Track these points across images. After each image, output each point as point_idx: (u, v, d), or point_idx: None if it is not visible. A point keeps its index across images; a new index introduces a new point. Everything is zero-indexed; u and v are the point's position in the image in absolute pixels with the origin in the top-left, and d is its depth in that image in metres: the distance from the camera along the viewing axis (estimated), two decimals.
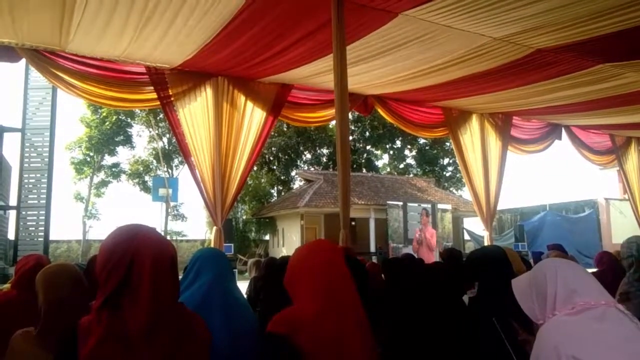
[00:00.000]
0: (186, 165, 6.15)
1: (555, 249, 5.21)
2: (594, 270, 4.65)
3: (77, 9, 4.21)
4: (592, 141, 9.98)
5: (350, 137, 23.86)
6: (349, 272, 1.75)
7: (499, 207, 8.69)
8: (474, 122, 8.25)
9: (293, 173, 31.37)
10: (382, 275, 3.92)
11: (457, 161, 8.41)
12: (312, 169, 30.92)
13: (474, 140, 8.22)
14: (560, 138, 9.32)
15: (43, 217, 6.87)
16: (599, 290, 1.45)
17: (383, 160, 36.03)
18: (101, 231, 25.75)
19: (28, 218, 6.89)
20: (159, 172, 26.65)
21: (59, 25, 4.52)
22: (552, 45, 5.19)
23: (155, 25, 4.60)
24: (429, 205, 22.07)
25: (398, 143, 34.17)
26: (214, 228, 6.04)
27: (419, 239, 20.64)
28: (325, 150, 32.73)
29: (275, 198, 29.31)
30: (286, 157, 30.61)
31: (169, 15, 4.39)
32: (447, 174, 34.59)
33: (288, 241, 24.21)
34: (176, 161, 27.52)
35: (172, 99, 5.78)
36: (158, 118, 25.28)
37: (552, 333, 1.39)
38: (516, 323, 1.93)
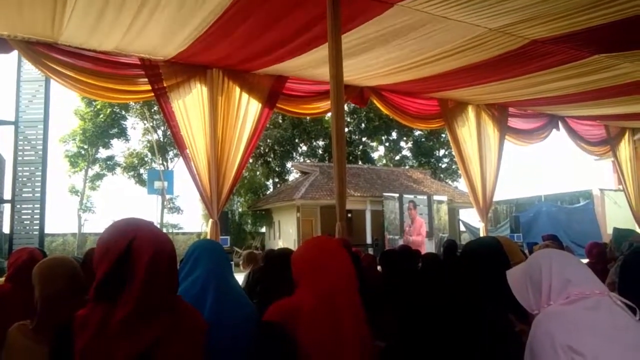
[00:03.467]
0: (181, 158, 6.13)
1: (550, 239, 5.24)
2: (587, 260, 4.69)
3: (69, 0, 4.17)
4: (587, 132, 10.01)
5: (346, 129, 23.90)
6: (354, 271, 1.77)
7: (494, 198, 8.72)
8: (470, 113, 8.25)
9: (289, 165, 31.34)
10: (379, 267, 3.94)
11: (454, 153, 8.42)
12: (308, 161, 30.90)
13: (470, 131, 8.23)
14: (557, 128, 9.34)
15: (38, 211, 6.83)
16: (593, 280, 1.46)
17: (379, 152, 36.09)
18: (96, 224, 25.75)
19: (23, 212, 6.85)
20: (154, 165, 26.57)
21: (52, 16, 4.47)
22: (547, 36, 5.19)
23: (149, 17, 4.56)
24: (419, 196, 22.13)
25: (394, 135, 34.18)
26: (210, 221, 6.03)
27: (409, 232, 20.70)
28: (321, 142, 32.70)
29: (271, 190, 29.32)
30: (282, 149, 30.55)
31: (163, 5, 4.35)
32: (443, 166, 34.67)
33: (284, 233, 24.25)
34: (171, 154, 27.42)
35: (166, 91, 5.75)
36: (153, 110, 25.13)
37: (546, 323, 1.40)
38: (512, 314, 1.94)
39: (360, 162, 31.29)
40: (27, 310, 1.85)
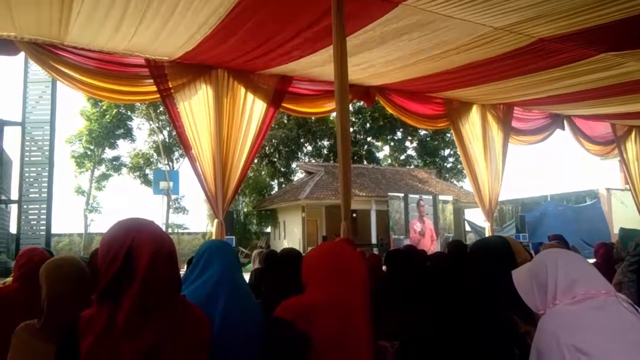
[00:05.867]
0: (187, 158, 6.16)
1: (556, 239, 5.22)
2: (594, 260, 4.67)
3: (76, 0, 4.19)
4: (593, 131, 9.94)
5: (351, 129, 23.90)
6: (367, 274, 1.78)
7: (500, 198, 8.69)
8: (475, 113, 8.23)
9: (294, 165, 31.37)
10: (384, 267, 3.93)
11: (459, 152, 8.40)
12: (313, 160, 30.92)
13: (475, 131, 8.20)
14: (562, 128, 9.29)
15: (44, 211, 6.88)
16: (599, 280, 1.45)
17: (384, 152, 36.04)
18: (102, 224, 25.86)
19: (29, 212, 6.91)
20: (159, 165, 26.65)
21: (58, 17, 4.50)
22: (553, 35, 5.16)
23: (155, 17, 4.57)
24: (424, 196, 22.09)
25: (399, 134, 34.13)
26: (215, 221, 6.04)
27: (420, 231, 20.66)
28: (325, 142, 32.70)
29: (276, 190, 29.36)
30: (287, 149, 30.58)
31: (168, 6, 4.37)
32: (448, 165, 34.57)
33: (289, 233, 24.27)
34: (177, 154, 27.51)
35: (172, 91, 5.76)
36: (158, 111, 25.23)
37: (552, 323, 1.39)
38: (517, 314, 1.94)
39: (365, 162, 31.27)
40: (35, 309, 1.86)
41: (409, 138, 34.53)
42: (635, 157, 10.38)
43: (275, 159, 30.58)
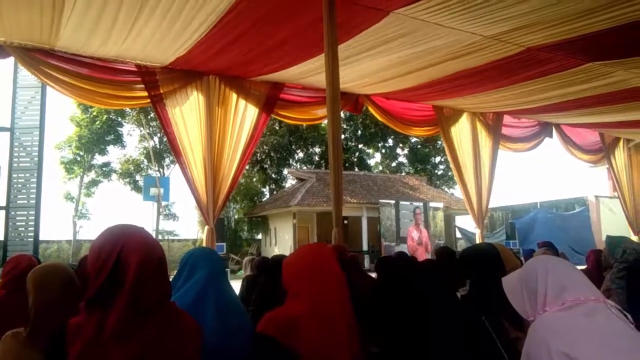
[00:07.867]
0: (177, 165, 6.13)
1: (546, 246, 5.26)
2: (584, 267, 4.71)
3: (67, 5, 4.17)
4: (582, 140, 10.05)
5: (342, 136, 23.97)
6: (344, 277, 1.77)
7: (490, 205, 8.74)
8: (465, 120, 8.29)
9: (285, 172, 31.35)
10: (374, 274, 3.93)
11: (449, 160, 8.45)
12: (305, 167, 30.93)
13: (465, 139, 8.25)
14: (550, 136, 9.39)
15: (33, 217, 6.79)
16: (588, 287, 1.46)
17: (375, 159, 36.17)
18: (92, 231, 25.63)
19: (17, 218, 6.81)
20: (150, 172, 26.50)
21: (49, 22, 4.48)
22: (542, 44, 5.22)
23: (146, 23, 4.57)
24: (412, 203, 22.18)
25: (390, 142, 34.28)
26: (206, 227, 6.01)
27: (418, 240, 20.68)
28: (317, 149, 32.75)
29: (268, 197, 29.30)
30: (278, 155, 30.57)
31: (159, 12, 4.36)
32: (439, 172, 34.76)
33: (280, 240, 24.20)
34: (167, 160, 27.39)
35: (162, 97, 5.74)
36: (149, 117, 25.13)
37: (542, 329, 1.40)
38: (507, 321, 1.94)
39: (356, 169, 31.34)
40: (22, 317, 1.84)
41: (400, 145, 34.70)
42: (623, 165, 10.52)
43: (267, 166, 30.54)
